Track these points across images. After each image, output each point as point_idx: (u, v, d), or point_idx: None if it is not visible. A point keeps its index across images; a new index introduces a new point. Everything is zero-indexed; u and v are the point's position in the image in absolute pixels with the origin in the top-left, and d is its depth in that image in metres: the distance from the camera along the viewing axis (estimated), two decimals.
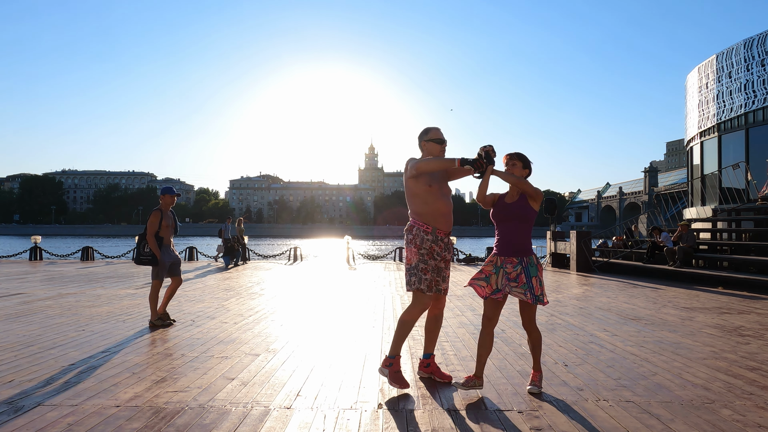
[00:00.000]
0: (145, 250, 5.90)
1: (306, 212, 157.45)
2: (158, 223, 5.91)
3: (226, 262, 15.58)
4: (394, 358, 3.63)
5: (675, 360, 4.51)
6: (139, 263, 5.95)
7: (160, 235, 5.94)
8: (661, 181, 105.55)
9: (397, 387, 3.54)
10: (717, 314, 7.02)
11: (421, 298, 3.58)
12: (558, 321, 6.38)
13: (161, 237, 5.95)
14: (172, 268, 6.08)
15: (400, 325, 3.65)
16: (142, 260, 5.90)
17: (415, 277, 3.56)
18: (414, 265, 3.57)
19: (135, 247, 5.96)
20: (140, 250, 5.93)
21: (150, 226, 5.88)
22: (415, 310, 3.61)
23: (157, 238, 5.91)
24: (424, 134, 3.76)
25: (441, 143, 3.71)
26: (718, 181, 16.77)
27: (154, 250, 5.85)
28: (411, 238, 3.61)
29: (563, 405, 3.33)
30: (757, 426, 3.01)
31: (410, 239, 3.61)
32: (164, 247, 6.00)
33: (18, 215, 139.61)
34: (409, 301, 3.72)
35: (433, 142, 3.71)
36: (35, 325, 5.83)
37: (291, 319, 6.40)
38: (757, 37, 15.73)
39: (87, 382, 3.73)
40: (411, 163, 3.61)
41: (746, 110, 15.87)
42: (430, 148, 3.71)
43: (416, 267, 3.56)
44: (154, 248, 5.85)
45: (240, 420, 3.03)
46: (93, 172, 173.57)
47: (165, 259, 5.97)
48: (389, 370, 3.60)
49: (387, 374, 3.61)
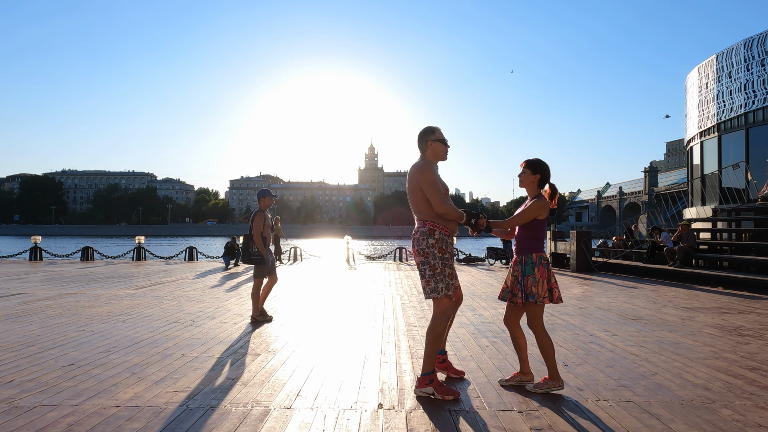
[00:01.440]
0: (252, 250, 6.17)
1: (306, 212, 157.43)
2: (262, 224, 6.17)
3: (225, 262, 15.57)
4: (431, 374, 3.45)
5: (675, 360, 4.51)
6: (247, 262, 6.29)
7: (263, 236, 6.19)
8: (661, 181, 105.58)
9: (451, 398, 3.38)
10: (717, 314, 7.02)
11: (446, 304, 3.46)
12: (558, 321, 6.38)
13: (264, 237, 6.19)
14: (270, 267, 6.32)
15: (433, 340, 3.45)
16: (251, 260, 6.20)
17: (442, 283, 3.42)
18: (440, 270, 3.43)
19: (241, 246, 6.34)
20: (248, 250, 6.21)
21: (256, 226, 6.14)
22: (443, 320, 3.45)
23: (262, 238, 6.17)
24: (430, 133, 3.59)
25: (446, 145, 3.65)
26: (718, 181, 16.77)
27: (261, 250, 6.13)
28: (433, 242, 3.45)
29: (563, 405, 3.33)
30: (757, 426, 3.01)
31: (432, 243, 3.45)
32: (267, 247, 6.26)
33: (18, 215, 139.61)
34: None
35: (440, 142, 3.60)
36: (35, 325, 5.83)
37: (291, 319, 6.40)
38: (757, 37, 15.73)
39: (87, 382, 3.73)
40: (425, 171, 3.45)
41: (746, 110, 15.87)
42: (436, 148, 3.60)
43: (442, 273, 3.43)
44: (261, 248, 6.12)
45: (240, 420, 3.03)
46: (93, 172, 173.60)
47: (269, 258, 6.25)
48: (432, 386, 3.41)
49: (431, 392, 3.40)
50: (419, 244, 3.48)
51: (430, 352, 3.46)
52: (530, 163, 3.68)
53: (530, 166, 3.67)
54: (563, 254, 15.62)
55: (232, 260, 15.67)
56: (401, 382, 3.80)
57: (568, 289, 9.92)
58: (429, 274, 3.45)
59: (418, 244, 3.49)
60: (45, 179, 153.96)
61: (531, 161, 3.69)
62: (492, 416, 3.14)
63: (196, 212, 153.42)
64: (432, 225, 3.47)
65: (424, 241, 3.46)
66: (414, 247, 3.52)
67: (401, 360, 4.44)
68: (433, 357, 3.47)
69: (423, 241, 3.47)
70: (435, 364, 3.52)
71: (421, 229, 3.50)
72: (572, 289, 9.93)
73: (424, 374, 3.46)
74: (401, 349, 4.83)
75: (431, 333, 3.46)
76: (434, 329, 3.46)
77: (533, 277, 3.52)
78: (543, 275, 3.53)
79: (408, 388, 3.67)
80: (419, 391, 3.44)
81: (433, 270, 3.44)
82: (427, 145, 3.61)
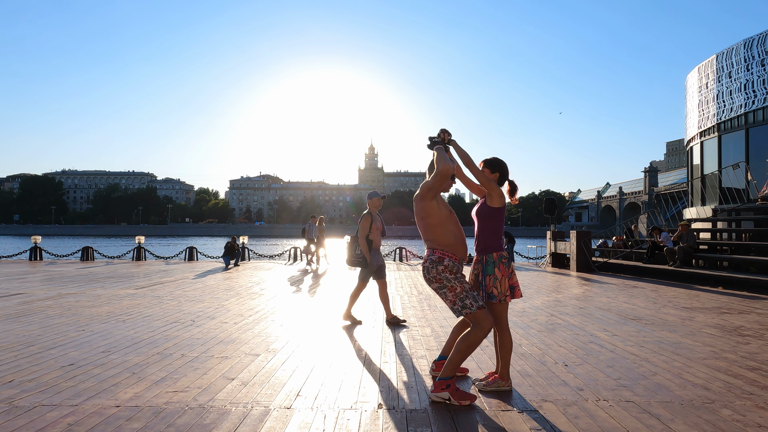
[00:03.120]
0: (357, 252, 6.07)
1: (306, 212, 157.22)
2: (369, 227, 6.04)
3: (225, 262, 15.57)
4: (450, 378, 3.38)
5: (675, 360, 4.51)
6: (352, 264, 6.18)
7: (370, 238, 6.06)
8: (661, 181, 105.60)
9: (468, 402, 3.32)
10: (717, 314, 7.02)
11: (485, 316, 3.39)
12: (558, 321, 6.39)
13: (371, 240, 6.06)
14: (378, 270, 6.18)
15: (464, 350, 3.39)
16: (354, 261, 6.10)
17: (470, 299, 3.38)
18: (460, 289, 3.40)
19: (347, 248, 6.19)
20: (353, 251, 6.10)
21: (362, 229, 6.04)
22: (482, 333, 3.38)
23: (367, 241, 6.02)
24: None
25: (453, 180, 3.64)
26: (718, 181, 16.77)
27: (365, 252, 6.00)
28: (443, 268, 3.41)
29: (563, 405, 3.33)
30: (757, 426, 3.01)
31: (441, 270, 3.41)
32: (373, 250, 6.11)
33: (18, 215, 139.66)
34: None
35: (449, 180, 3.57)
36: (35, 325, 5.83)
37: (291, 319, 6.40)
38: (757, 37, 15.73)
39: (87, 382, 3.73)
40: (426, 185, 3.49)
41: (746, 110, 15.87)
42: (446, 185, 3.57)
43: (465, 290, 3.40)
44: (365, 251, 6.00)
45: (240, 420, 3.03)
46: (93, 172, 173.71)
47: (373, 262, 6.08)
48: (449, 391, 3.35)
49: (447, 397, 3.34)
50: (429, 272, 3.46)
51: (457, 360, 3.41)
52: (488, 162, 3.73)
53: (488, 165, 3.72)
54: (563, 254, 15.62)
55: (232, 260, 15.67)
56: (401, 382, 3.80)
57: (568, 289, 9.92)
58: (451, 296, 3.42)
59: (428, 272, 3.47)
60: (45, 179, 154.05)
61: (489, 160, 3.74)
62: (492, 416, 3.14)
63: (196, 212, 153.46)
64: (441, 253, 3.45)
65: (434, 269, 3.44)
66: (425, 275, 3.50)
67: (401, 360, 4.44)
68: (458, 365, 3.43)
69: (433, 269, 3.44)
70: (457, 371, 3.47)
71: (430, 257, 3.47)
72: (572, 289, 9.93)
73: (442, 378, 3.39)
74: (401, 349, 4.83)
75: (465, 342, 3.40)
76: (468, 339, 3.39)
77: (494, 276, 3.51)
78: (504, 273, 3.52)
79: (408, 388, 3.67)
80: (435, 396, 3.37)
81: (453, 291, 3.41)
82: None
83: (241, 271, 13.91)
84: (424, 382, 3.82)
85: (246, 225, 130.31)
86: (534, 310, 7.20)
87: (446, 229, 3.49)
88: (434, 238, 3.49)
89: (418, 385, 3.73)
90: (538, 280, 11.86)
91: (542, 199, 66.69)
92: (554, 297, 8.75)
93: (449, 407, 3.28)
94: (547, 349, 4.85)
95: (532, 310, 7.20)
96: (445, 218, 3.50)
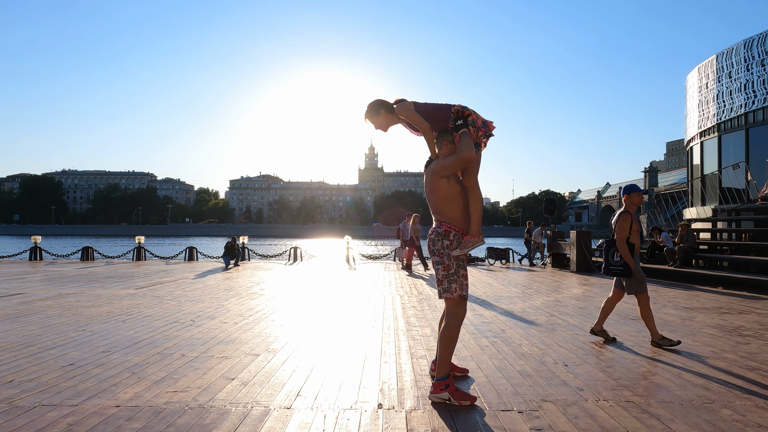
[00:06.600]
0: (614, 259, 5.20)
1: (306, 212, 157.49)
2: (629, 227, 5.17)
3: (225, 262, 15.57)
4: (447, 378, 3.37)
5: (675, 360, 4.51)
6: (608, 273, 5.30)
7: (631, 242, 5.17)
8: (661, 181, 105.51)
9: (468, 402, 3.30)
10: (717, 314, 7.02)
11: (461, 305, 3.43)
12: (558, 321, 6.39)
13: (632, 243, 5.17)
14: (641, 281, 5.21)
15: (447, 342, 3.39)
16: (611, 270, 5.23)
17: (456, 283, 3.39)
18: (454, 271, 3.40)
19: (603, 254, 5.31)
20: (609, 259, 5.25)
21: (621, 231, 5.14)
22: (457, 321, 3.41)
23: (628, 245, 5.16)
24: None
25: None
26: (718, 181, 16.78)
27: (627, 258, 5.08)
28: (448, 243, 3.41)
29: (563, 405, 3.33)
30: (757, 426, 3.01)
31: (447, 245, 3.41)
32: (635, 255, 5.22)
33: (18, 215, 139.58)
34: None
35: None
36: (35, 325, 5.83)
37: (291, 319, 6.40)
38: (757, 37, 15.74)
39: (87, 382, 3.73)
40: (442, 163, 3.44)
41: (746, 110, 15.88)
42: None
43: (456, 273, 3.40)
44: (627, 257, 5.08)
45: (240, 420, 3.03)
46: (93, 172, 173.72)
47: (638, 270, 5.19)
48: (448, 392, 3.33)
49: (447, 398, 3.32)
50: (434, 245, 3.47)
51: (445, 355, 3.40)
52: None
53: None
54: (563, 254, 15.62)
55: (232, 260, 15.67)
56: (401, 382, 3.80)
57: (568, 289, 9.92)
58: (442, 274, 3.43)
59: (433, 244, 3.48)
60: (45, 179, 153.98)
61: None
62: (492, 416, 3.14)
63: (196, 212, 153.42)
64: (448, 227, 3.44)
65: (439, 242, 3.44)
66: (429, 246, 3.52)
67: (401, 360, 4.44)
68: (449, 361, 3.41)
69: (438, 242, 3.45)
70: (450, 368, 3.46)
71: (437, 230, 3.48)
72: (572, 289, 9.93)
73: (439, 379, 3.37)
74: (401, 349, 4.83)
75: (445, 335, 3.41)
76: (448, 331, 3.40)
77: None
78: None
79: (408, 388, 3.67)
80: (434, 397, 3.35)
81: (446, 270, 3.41)
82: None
83: (241, 271, 13.90)
84: (424, 382, 3.82)
85: (246, 225, 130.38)
86: (534, 310, 7.20)
87: (455, 202, 3.45)
88: (441, 211, 3.48)
89: (418, 385, 3.73)
90: (538, 280, 11.86)
91: (542, 199, 66.68)
92: (554, 297, 8.75)
93: (449, 407, 3.27)
94: (547, 349, 4.84)
95: (532, 310, 7.20)
96: (455, 193, 3.45)
